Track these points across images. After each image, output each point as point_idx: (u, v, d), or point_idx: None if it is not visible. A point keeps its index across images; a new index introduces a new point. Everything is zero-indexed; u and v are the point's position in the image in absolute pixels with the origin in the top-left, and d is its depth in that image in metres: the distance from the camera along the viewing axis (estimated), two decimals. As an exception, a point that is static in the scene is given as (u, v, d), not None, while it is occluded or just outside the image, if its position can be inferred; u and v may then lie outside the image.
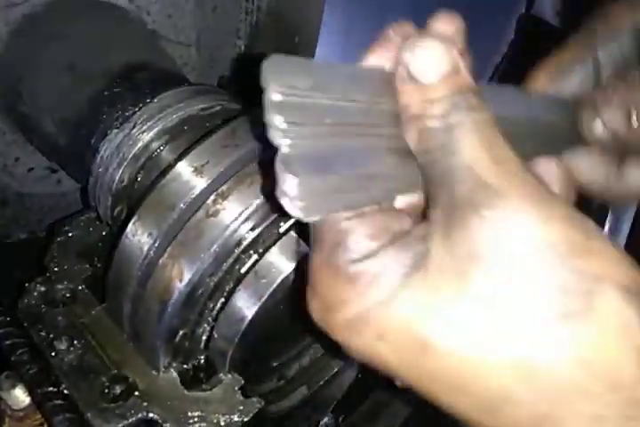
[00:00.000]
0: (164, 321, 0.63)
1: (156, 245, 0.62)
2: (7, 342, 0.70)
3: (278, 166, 0.31)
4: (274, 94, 0.31)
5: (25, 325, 0.68)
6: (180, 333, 0.65)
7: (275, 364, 0.81)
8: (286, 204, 0.31)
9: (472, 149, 0.32)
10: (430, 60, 0.34)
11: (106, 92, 0.82)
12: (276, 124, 0.31)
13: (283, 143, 0.31)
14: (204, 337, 0.66)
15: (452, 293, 0.31)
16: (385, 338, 0.32)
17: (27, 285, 0.70)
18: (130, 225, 0.64)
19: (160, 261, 0.62)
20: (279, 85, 0.31)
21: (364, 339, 0.33)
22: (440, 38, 0.34)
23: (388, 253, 0.33)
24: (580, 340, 0.30)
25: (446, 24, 0.37)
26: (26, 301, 0.69)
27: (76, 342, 0.67)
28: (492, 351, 0.30)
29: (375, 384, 0.89)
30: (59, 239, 0.76)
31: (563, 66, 0.48)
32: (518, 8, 1.56)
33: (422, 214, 0.37)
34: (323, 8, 1.22)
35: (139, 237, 0.63)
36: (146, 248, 0.63)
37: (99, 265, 0.77)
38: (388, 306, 0.32)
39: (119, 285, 0.65)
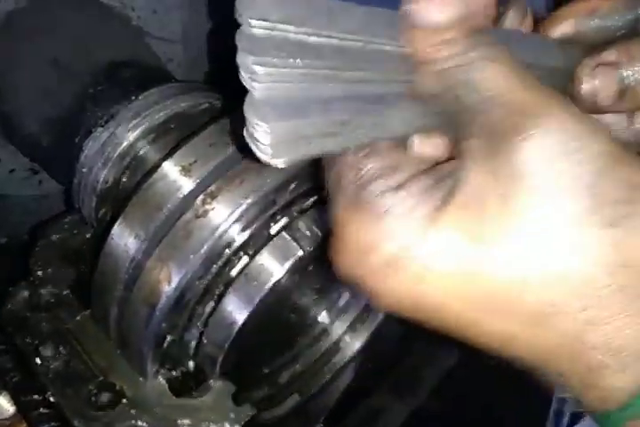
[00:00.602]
0: (152, 326, 0.61)
1: (143, 247, 0.60)
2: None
3: (247, 111, 0.30)
4: (246, 28, 0.29)
5: (9, 330, 0.65)
6: (169, 338, 0.63)
7: (266, 370, 0.79)
8: (256, 150, 0.30)
9: (500, 77, 0.32)
10: (442, 4, 0.33)
11: (90, 90, 0.80)
12: (247, 64, 0.29)
13: (253, 86, 0.29)
14: (193, 343, 0.64)
15: (495, 217, 0.31)
16: (427, 274, 0.32)
17: (10, 289, 0.68)
18: (115, 226, 0.62)
19: (147, 263, 0.60)
20: (253, 18, 0.29)
21: (404, 280, 0.32)
22: None
23: (417, 183, 0.32)
24: (627, 242, 0.30)
25: None
26: (9, 306, 0.67)
27: (61, 348, 0.65)
28: (542, 267, 0.30)
29: (370, 389, 0.88)
30: (42, 242, 0.73)
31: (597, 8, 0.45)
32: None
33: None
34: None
35: (125, 239, 0.61)
36: (132, 250, 0.60)
37: (83, 268, 0.75)
38: (427, 239, 0.31)
39: (105, 288, 0.63)
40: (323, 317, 0.87)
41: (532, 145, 0.31)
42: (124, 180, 0.75)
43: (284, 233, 0.64)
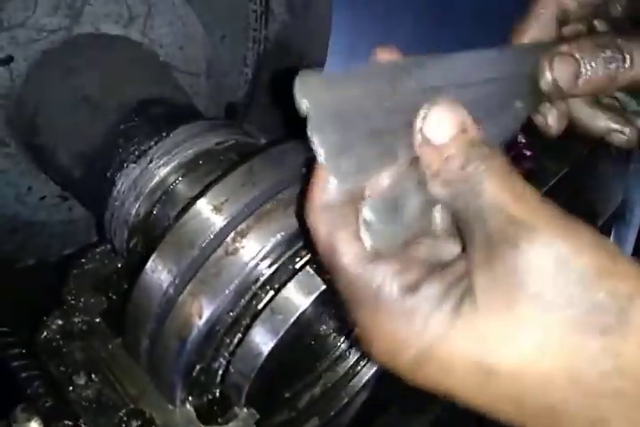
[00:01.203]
0: (182, 358, 0.64)
1: (176, 282, 0.63)
2: (23, 375, 0.71)
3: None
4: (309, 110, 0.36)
5: (43, 358, 0.69)
6: (197, 367, 0.66)
7: (287, 395, 0.82)
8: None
9: (495, 191, 0.36)
10: (440, 124, 0.39)
11: (121, 126, 0.83)
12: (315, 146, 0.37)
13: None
14: (221, 371, 0.67)
15: (504, 321, 0.35)
16: (449, 370, 0.36)
17: (44, 318, 0.71)
18: (150, 262, 0.65)
19: (179, 298, 0.63)
20: (312, 102, 0.36)
21: (430, 374, 0.37)
22: (445, 105, 0.39)
23: (433, 286, 0.36)
24: (620, 351, 0.33)
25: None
26: (44, 334, 0.70)
27: (94, 376, 0.68)
28: (546, 368, 0.34)
29: (385, 406, 0.90)
30: (75, 272, 0.77)
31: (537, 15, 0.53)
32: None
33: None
34: (328, 37, 1.24)
35: (158, 273, 0.65)
36: (165, 285, 0.64)
37: (114, 297, 0.79)
38: (448, 340, 0.35)
39: (138, 320, 0.66)
40: (341, 341, 0.90)
41: (524, 258, 0.34)
42: (155, 212, 0.78)
43: (308, 267, 0.67)
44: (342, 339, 0.88)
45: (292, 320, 0.65)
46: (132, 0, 0.91)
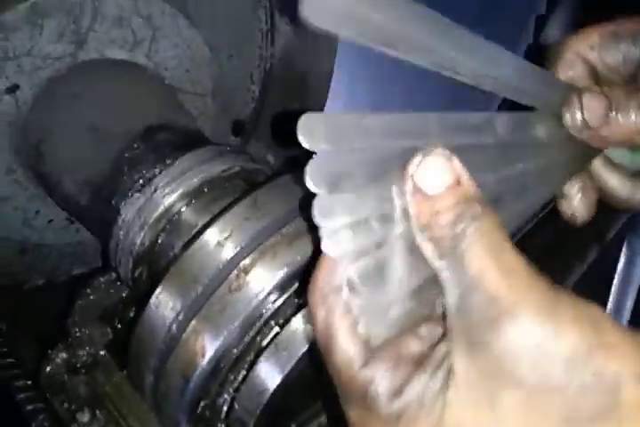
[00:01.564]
0: (186, 395, 0.63)
1: (179, 319, 0.63)
2: (29, 408, 0.71)
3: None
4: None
5: (47, 394, 0.68)
6: (202, 404, 0.66)
7: (293, 425, 0.81)
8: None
9: (478, 259, 0.34)
10: (434, 173, 0.36)
11: (126, 154, 0.83)
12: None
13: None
14: (225, 408, 0.66)
15: (487, 411, 0.33)
16: None
17: (49, 352, 0.70)
18: (153, 297, 0.64)
19: (183, 335, 0.62)
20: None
21: None
22: (441, 153, 0.37)
23: (419, 381, 0.35)
24: None
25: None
26: (48, 369, 0.70)
27: (98, 412, 0.67)
28: None
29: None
30: (79, 302, 0.76)
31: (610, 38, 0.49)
32: (526, 38, 1.57)
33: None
34: (334, 54, 1.24)
35: (162, 309, 0.64)
36: (168, 322, 0.63)
37: (119, 326, 0.78)
38: None
39: (141, 356, 0.66)
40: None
41: (505, 343, 0.33)
42: (160, 242, 0.78)
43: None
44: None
45: (298, 356, 0.64)
46: (136, 24, 0.91)
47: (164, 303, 0.64)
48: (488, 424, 0.33)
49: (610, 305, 1.12)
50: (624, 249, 1.55)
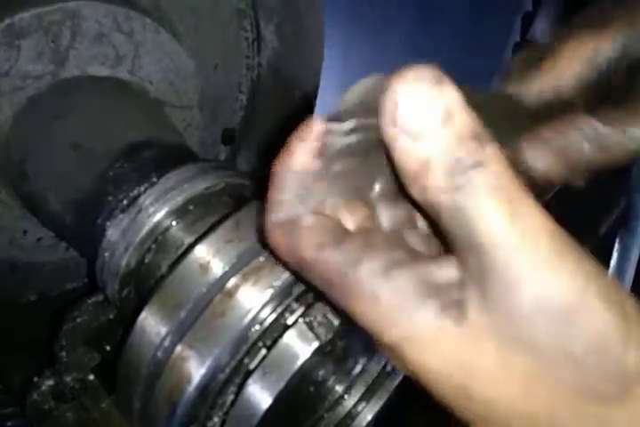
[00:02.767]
0: (175, 422, 0.62)
1: (165, 344, 0.62)
2: (17, 433, 0.70)
3: None
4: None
5: (34, 422, 0.68)
6: (192, 428, 0.65)
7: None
8: None
9: (492, 220, 0.29)
10: (418, 107, 0.28)
11: (110, 172, 0.82)
12: None
13: None
14: (216, 432, 0.66)
15: (492, 352, 0.31)
16: (429, 375, 0.33)
17: (35, 379, 0.70)
18: (138, 322, 0.64)
19: (169, 361, 0.61)
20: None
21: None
22: (426, 77, 0.28)
23: (434, 304, 0.32)
24: (615, 421, 0.30)
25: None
26: (34, 396, 0.69)
27: (86, 439, 0.67)
28: (527, 417, 0.31)
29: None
30: (66, 327, 0.75)
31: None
32: (513, 36, 1.56)
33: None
34: (321, 63, 1.23)
35: (147, 335, 0.63)
36: (154, 347, 0.62)
37: (108, 348, 0.77)
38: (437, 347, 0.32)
39: (128, 381, 0.65)
40: (339, 385, 0.88)
41: (527, 307, 0.30)
42: (145, 262, 0.77)
43: (300, 322, 0.65)
44: (340, 382, 0.87)
45: (287, 379, 0.63)
46: (117, 40, 0.90)
47: (149, 328, 0.63)
48: (485, 371, 0.31)
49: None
50: (616, 245, 1.53)
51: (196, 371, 0.60)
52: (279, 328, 0.64)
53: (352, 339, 0.73)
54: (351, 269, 0.32)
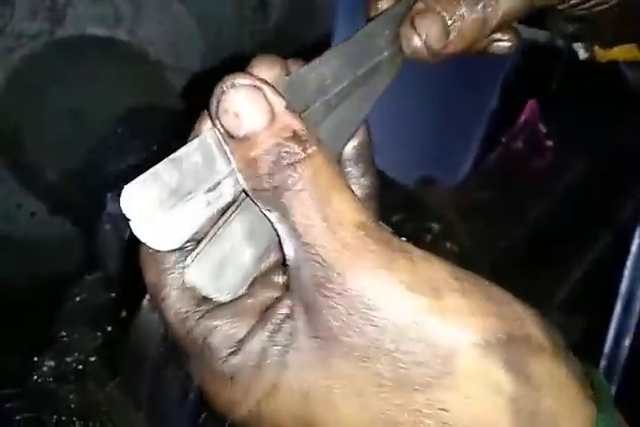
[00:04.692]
0: (187, 407, 0.58)
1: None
2: (17, 418, 0.66)
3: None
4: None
5: (36, 405, 0.63)
6: (204, 414, 0.61)
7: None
8: None
9: (304, 214, 0.29)
10: (243, 110, 0.29)
11: (110, 140, 0.77)
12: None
13: None
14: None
15: (319, 377, 0.29)
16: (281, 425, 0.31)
17: (35, 359, 0.65)
18: (144, 303, 0.59)
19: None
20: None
21: None
22: (245, 82, 0.29)
23: (259, 338, 0.30)
24: (445, 406, 0.28)
25: (265, 69, 0.32)
26: (35, 378, 0.64)
27: (91, 424, 0.62)
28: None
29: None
30: (66, 305, 0.71)
31: None
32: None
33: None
34: (330, 28, 1.17)
35: (155, 315, 0.58)
36: (163, 329, 0.58)
37: (109, 329, 0.73)
38: (273, 398, 0.30)
39: (135, 364, 0.61)
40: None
41: (335, 308, 0.29)
42: (149, 236, 0.72)
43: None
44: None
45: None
46: (117, -1, 0.84)
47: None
48: (321, 394, 0.29)
49: (622, 291, 1.08)
50: (637, 234, 1.50)
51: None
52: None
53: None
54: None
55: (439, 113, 1.27)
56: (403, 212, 0.87)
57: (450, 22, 0.40)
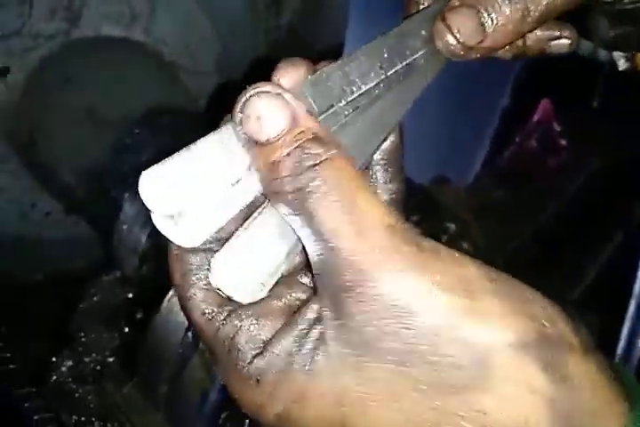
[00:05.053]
0: (206, 407, 0.58)
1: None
2: (35, 418, 0.66)
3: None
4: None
5: (54, 405, 0.63)
6: (223, 415, 0.61)
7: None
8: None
9: (329, 217, 0.29)
10: (265, 116, 0.30)
11: (126, 140, 0.77)
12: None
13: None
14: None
15: (352, 383, 0.29)
16: None
17: (53, 359, 0.65)
18: (165, 302, 0.59)
19: (200, 344, 0.57)
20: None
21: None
22: (268, 89, 0.30)
23: (286, 341, 0.30)
24: (483, 408, 0.28)
25: (291, 71, 0.33)
26: (54, 377, 0.64)
27: (109, 425, 0.62)
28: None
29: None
30: (83, 305, 0.71)
31: None
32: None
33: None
34: (343, 26, 1.17)
35: (175, 315, 0.58)
36: (184, 328, 0.58)
37: (126, 330, 0.73)
38: (302, 402, 0.30)
39: (153, 364, 0.61)
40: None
41: (368, 312, 0.28)
42: (165, 237, 0.72)
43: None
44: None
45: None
46: (133, -2, 0.84)
47: (177, 309, 0.58)
48: (354, 399, 0.29)
49: (635, 291, 1.07)
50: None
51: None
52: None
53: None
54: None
55: (452, 113, 1.26)
56: (419, 212, 0.86)
57: (485, 15, 0.38)
